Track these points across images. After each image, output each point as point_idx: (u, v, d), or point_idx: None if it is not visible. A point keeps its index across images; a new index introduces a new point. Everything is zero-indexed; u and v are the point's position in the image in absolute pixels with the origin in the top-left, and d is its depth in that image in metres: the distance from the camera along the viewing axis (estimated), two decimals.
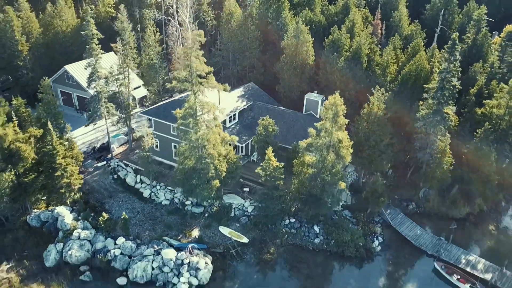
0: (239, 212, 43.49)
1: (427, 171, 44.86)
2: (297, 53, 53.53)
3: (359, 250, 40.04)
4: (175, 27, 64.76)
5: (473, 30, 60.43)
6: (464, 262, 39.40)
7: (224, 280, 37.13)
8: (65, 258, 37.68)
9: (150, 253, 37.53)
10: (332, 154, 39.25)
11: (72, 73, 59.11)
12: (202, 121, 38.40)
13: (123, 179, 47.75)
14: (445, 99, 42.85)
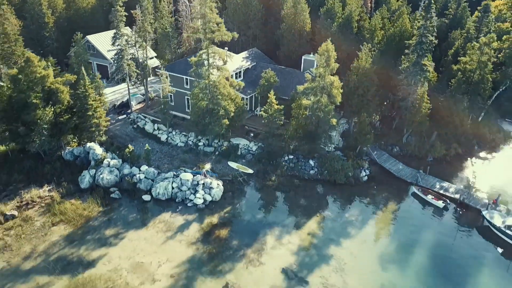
0: (245, 151, 50.53)
1: (409, 116, 51.94)
2: (295, 21, 61.12)
3: (348, 179, 47.06)
4: (184, 3, 72.26)
5: (454, 5, 68.14)
6: (438, 187, 46.41)
7: (233, 198, 44.06)
8: (97, 181, 44.68)
9: (170, 176, 44.60)
10: (325, 96, 46.46)
11: (93, 43, 66.65)
12: (214, 65, 45.59)
13: (142, 128, 55.00)
14: (423, 52, 50.13)
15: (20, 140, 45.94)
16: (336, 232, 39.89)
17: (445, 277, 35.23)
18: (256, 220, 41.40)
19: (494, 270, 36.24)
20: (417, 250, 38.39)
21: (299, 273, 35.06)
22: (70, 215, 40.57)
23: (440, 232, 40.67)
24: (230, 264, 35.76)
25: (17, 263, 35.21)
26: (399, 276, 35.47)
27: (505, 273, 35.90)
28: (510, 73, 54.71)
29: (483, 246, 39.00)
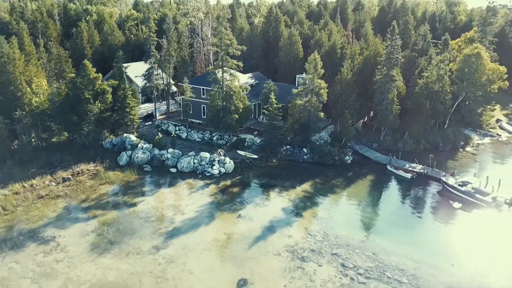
0: (251, 143, 62.84)
1: (383, 116, 64.88)
2: (290, 50, 76.53)
3: (335, 161, 58.90)
4: (198, 42, 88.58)
5: (422, 41, 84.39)
6: (407, 166, 58.11)
7: (242, 172, 55.61)
8: (133, 160, 56.53)
9: (192, 154, 56.56)
10: (314, 96, 59.90)
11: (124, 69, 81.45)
12: (228, 70, 59.59)
13: (165, 130, 67.67)
14: (391, 65, 64.37)
15: (73, 128, 58.50)
16: (324, 190, 51.13)
17: (412, 223, 46.08)
18: (261, 183, 52.75)
19: (446, 214, 46.92)
20: (387, 203, 49.47)
21: (295, 210, 45.93)
22: (113, 179, 52.00)
23: (408, 194, 51.82)
24: (241, 205, 46.73)
25: (77, 204, 46.21)
26: (373, 217, 46.24)
27: (453, 216, 46.56)
28: (464, 87, 68.74)
29: (440, 201, 49.91)
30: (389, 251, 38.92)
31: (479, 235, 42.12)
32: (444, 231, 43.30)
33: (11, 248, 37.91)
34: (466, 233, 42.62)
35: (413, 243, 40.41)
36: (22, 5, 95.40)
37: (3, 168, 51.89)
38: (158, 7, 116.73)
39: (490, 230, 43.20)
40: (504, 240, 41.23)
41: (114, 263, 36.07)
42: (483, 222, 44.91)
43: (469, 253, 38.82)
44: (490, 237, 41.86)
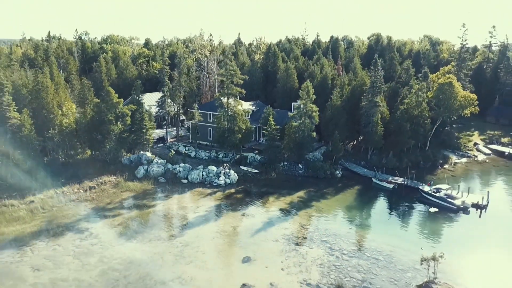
0: (252, 159, 71.12)
1: (369, 137, 73.52)
2: (287, 81, 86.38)
3: (326, 174, 66.98)
4: (205, 75, 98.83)
5: (405, 74, 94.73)
6: (390, 179, 66.09)
7: (245, 183, 63.52)
8: (149, 173, 64.58)
9: (201, 167, 64.72)
10: (307, 118, 68.87)
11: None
12: (232, 95, 68.90)
13: (176, 150, 76.08)
14: (375, 92, 73.77)
15: (96, 146, 66.96)
16: (317, 196, 58.91)
17: (390, 219, 53.73)
18: (262, 191, 60.57)
19: (421, 216, 54.47)
20: (371, 206, 57.27)
21: (291, 210, 53.59)
22: (132, 188, 59.90)
23: (389, 200, 59.54)
24: (245, 207, 54.42)
25: (103, 205, 53.96)
26: (358, 216, 53.83)
27: (427, 217, 54.06)
28: (440, 112, 77.90)
29: (416, 205, 57.54)
30: (370, 239, 46.41)
31: (447, 227, 49.63)
32: (418, 226, 50.79)
33: (53, 235, 45.38)
34: (436, 227, 50.14)
35: (391, 234, 47.91)
36: (46, 43, 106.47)
37: (37, 178, 59.75)
38: (167, 46, 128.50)
39: (456, 225, 50.76)
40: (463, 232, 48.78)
41: (139, 246, 43.47)
42: (451, 220, 52.50)
43: (437, 240, 46.26)
44: (454, 229, 49.38)
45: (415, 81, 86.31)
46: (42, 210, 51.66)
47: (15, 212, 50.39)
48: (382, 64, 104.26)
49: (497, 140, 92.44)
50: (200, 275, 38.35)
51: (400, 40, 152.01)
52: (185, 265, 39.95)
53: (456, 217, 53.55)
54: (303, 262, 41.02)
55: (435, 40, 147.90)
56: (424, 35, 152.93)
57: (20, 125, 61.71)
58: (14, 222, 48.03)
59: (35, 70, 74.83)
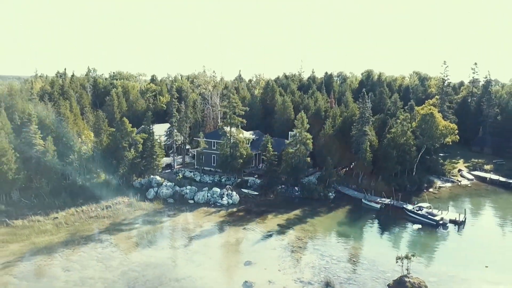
0: (252, 183, 77.95)
1: (359, 163, 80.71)
2: (284, 113, 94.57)
3: (320, 196, 73.67)
4: (209, 108, 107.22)
5: (393, 107, 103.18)
6: (378, 200, 72.74)
7: (246, 203, 70.09)
8: (159, 194, 71.27)
9: (206, 189, 71.56)
10: (302, 145, 76.39)
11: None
12: (235, 124, 76.71)
13: (183, 175, 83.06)
14: (364, 122, 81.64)
15: (111, 171, 74.00)
16: (311, 214, 65.41)
17: (376, 232, 60.09)
18: (261, 210, 67.05)
19: (404, 230, 60.83)
20: (360, 222, 63.68)
21: (288, 226, 59.99)
22: (144, 207, 66.46)
23: (376, 217, 65.98)
24: (246, 223, 60.85)
25: (119, 221, 60.43)
26: (348, 230, 60.20)
27: (410, 232, 60.37)
28: (424, 141, 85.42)
29: (401, 222, 63.92)
30: (357, 247, 52.78)
31: (426, 239, 56.03)
32: (401, 238, 57.11)
33: (77, 244, 51.70)
34: (417, 238, 56.50)
35: (376, 244, 54.30)
36: (62, 79, 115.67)
37: (59, 198, 66.42)
38: (172, 82, 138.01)
39: (434, 236, 57.18)
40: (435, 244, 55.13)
41: (154, 253, 49.76)
42: (431, 233, 58.92)
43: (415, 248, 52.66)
44: (432, 240, 55.77)
45: (401, 113, 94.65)
46: (65, 224, 58.09)
47: (42, 226, 56.82)
48: (372, 97, 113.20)
49: (480, 167, 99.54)
50: (208, 275, 44.52)
51: (391, 76, 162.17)
52: (194, 267, 46.15)
53: (436, 231, 59.92)
54: (297, 265, 47.23)
55: (423, 76, 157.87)
56: (414, 71, 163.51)
57: (44, 151, 68.99)
58: (43, 234, 54.41)
59: (54, 103, 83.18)
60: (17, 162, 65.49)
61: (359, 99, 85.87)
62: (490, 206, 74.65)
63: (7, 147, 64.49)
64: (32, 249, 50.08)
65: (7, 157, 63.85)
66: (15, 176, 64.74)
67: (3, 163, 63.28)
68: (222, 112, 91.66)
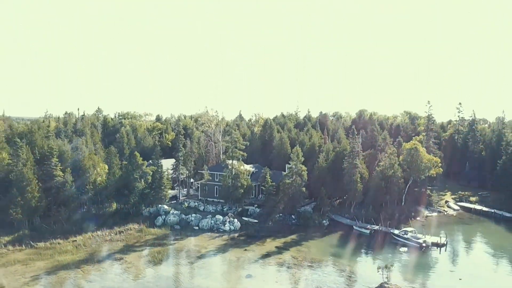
0: (252, 212, 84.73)
1: (350, 194, 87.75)
2: (281, 148, 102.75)
3: (315, 223, 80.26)
4: (211, 144, 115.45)
5: (383, 143, 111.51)
6: (368, 226, 79.30)
7: (246, 229, 76.61)
8: (166, 221, 77.98)
9: (209, 217, 78.34)
10: (298, 177, 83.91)
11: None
12: (236, 158, 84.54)
13: (187, 205, 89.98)
14: (354, 156, 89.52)
15: (122, 200, 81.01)
16: (306, 238, 71.86)
17: (365, 253, 66.48)
18: (260, 235, 73.52)
19: (391, 251, 67.16)
20: (350, 245, 69.94)
21: (285, 247, 66.41)
22: (153, 232, 73.03)
23: (366, 242, 72.33)
24: (246, 245, 67.31)
25: (131, 244, 66.96)
26: (339, 251, 66.54)
27: (396, 252, 66.68)
28: (410, 173, 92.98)
29: (389, 245, 70.25)
30: (346, 264, 59.14)
31: (410, 258, 62.44)
32: (388, 257, 63.42)
33: (96, 262, 58.12)
34: (401, 257, 62.87)
35: (364, 261, 60.54)
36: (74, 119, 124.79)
37: (76, 224, 73.09)
38: (177, 121, 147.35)
39: (418, 256, 63.62)
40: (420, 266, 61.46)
41: (165, 268, 56.20)
42: (416, 254, 65.36)
43: (401, 264, 58.95)
44: (415, 258, 62.18)
45: (390, 148, 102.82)
46: (84, 246, 64.59)
47: (63, 247, 63.36)
48: (364, 134, 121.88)
49: (466, 198, 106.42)
50: (214, 285, 50.85)
51: (384, 115, 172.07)
52: (201, 279, 52.50)
53: (419, 252, 66.27)
54: (292, 278, 53.58)
55: (414, 115, 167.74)
56: (404, 111, 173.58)
57: (63, 182, 76.42)
58: (64, 254, 60.89)
59: (69, 139, 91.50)
60: (39, 191, 72.81)
61: (350, 135, 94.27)
62: (471, 231, 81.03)
63: (31, 178, 72.00)
64: (56, 265, 56.47)
65: (31, 186, 71.23)
66: (38, 203, 71.89)
67: (27, 192, 70.58)
68: (224, 147, 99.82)
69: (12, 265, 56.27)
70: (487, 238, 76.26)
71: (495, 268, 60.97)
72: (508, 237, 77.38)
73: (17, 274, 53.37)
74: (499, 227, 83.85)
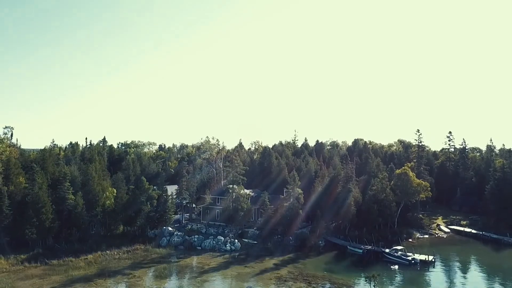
0: (252, 233, 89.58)
1: (344, 216, 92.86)
2: (279, 174, 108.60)
3: (311, 244, 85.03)
4: (213, 171, 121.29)
5: (376, 169, 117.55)
6: (361, 246, 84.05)
7: (246, 249, 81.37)
8: (170, 242, 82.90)
9: (212, 237, 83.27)
10: (295, 200, 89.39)
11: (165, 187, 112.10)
12: (236, 182, 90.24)
13: (190, 228, 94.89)
14: (347, 180, 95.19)
15: (129, 222, 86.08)
16: (303, 257, 76.70)
17: (357, 269, 71.29)
18: (259, 254, 78.24)
19: (382, 267, 71.84)
20: (343, 262, 74.73)
21: (282, 264, 71.17)
22: (158, 252, 77.84)
23: (359, 261, 77.02)
24: (246, 263, 72.19)
25: (138, 261, 71.94)
26: (333, 268, 71.20)
27: (390, 272, 71.32)
28: (401, 197, 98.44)
29: (381, 264, 74.90)
30: (339, 278, 63.90)
31: (399, 272, 67.14)
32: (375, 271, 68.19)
33: (108, 276, 62.90)
34: (390, 272, 67.60)
35: (356, 275, 65.25)
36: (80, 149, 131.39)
37: (86, 244, 77.92)
38: (179, 149, 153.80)
39: (407, 272, 68.33)
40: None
41: (171, 281, 60.98)
42: (406, 270, 70.09)
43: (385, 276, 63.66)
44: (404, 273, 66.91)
45: (382, 173, 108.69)
46: (95, 263, 69.42)
47: (76, 264, 68.24)
48: (358, 161, 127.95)
49: (456, 222, 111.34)
50: None
51: (379, 144, 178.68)
52: None
53: (408, 269, 70.97)
54: None
55: (407, 144, 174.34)
56: (398, 139, 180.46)
57: (75, 205, 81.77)
58: (77, 269, 65.73)
59: (79, 166, 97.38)
60: (52, 213, 78.09)
61: (343, 162, 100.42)
62: (460, 251, 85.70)
63: (46, 200, 77.48)
64: (70, 279, 61.28)
65: (46, 208, 76.60)
66: (51, 224, 77.02)
67: (42, 214, 75.91)
68: (225, 173, 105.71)
69: (30, 279, 61.04)
70: (474, 257, 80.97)
71: (477, 280, 65.62)
72: (493, 255, 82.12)
73: (35, 286, 58.16)
74: (486, 247, 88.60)
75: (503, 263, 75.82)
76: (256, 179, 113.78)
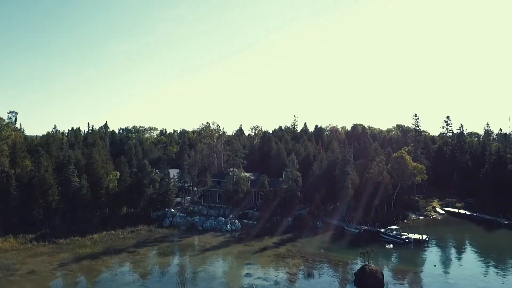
0: (252, 215, 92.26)
1: (344, 198, 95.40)
2: (278, 158, 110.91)
3: (309, 225, 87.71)
4: (213, 155, 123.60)
5: (374, 153, 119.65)
6: (358, 227, 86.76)
7: (246, 229, 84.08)
8: (173, 223, 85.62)
9: (213, 218, 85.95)
10: (294, 182, 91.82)
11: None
12: (237, 165, 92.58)
13: (192, 209, 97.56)
14: (345, 163, 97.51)
15: (132, 204, 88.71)
16: (301, 236, 79.40)
17: (353, 248, 74.02)
18: (259, 234, 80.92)
19: (375, 246, 74.54)
20: (340, 242, 77.44)
21: (281, 243, 73.89)
22: (161, 232, 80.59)
23: (355, 241, 79.66)
24: (246, 242, 74.82)
25: (142, 240, 74.63)
26: (330, 246, 73.94)
27: (384, 250, 74.03)
28: (397, 180, 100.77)
29: (377, 243, 77.58)
30: (335, 255, 66.68)
31: (393, 250, 69.90)
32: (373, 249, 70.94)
33: (113, 253, 65.68)
34: (385, 250, 70.37)
35: (352, 254, 68.02)
36: (84, 132, 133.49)
37: (91, 225, 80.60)
38: (180, 134, 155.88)
39: (400, 249, 71.07)
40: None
41: (174, 258, 63.83)
42: (400, 248, 72.82)
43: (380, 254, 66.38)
44: (398, 251, 69.67)
45: (379, 156, 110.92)
46: (100, 242, 72.19)
47: (82, 243, 71.03)
48: (357, 146, 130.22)
49: (452, 204, 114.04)
50: (218, 270, 58.38)
51: (378, 129, 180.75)
52: (207, 266, 60.06)
53: (402, 247, 73.71)
54: (287, 265, 61.07)
55: (406, 129, 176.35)
56: (397, 124, 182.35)
57: (79, 187, 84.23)
58: (84, 248, 68.50)
59: (82, 150, 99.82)
60: (58, 194, 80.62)
61: (340, 146, 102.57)
62: (453, 231, 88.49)
63: (52, 182, 79.97)
64: (78, 256, 64.03)
65: (52, 190, 79.13)
66: (57, 205, 79.62)
67: (48, 195, 78.46)
68: (226, 157, 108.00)
69: (39, 256, 63.81)
70: (467, 236, 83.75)
71: (469, 257, 68.38)
72: (486, 235, 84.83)
73: (45, 262, 60.87)
74: (479, 227, 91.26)
75: (495, 242, 78.58)
76: (256, 163, 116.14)
